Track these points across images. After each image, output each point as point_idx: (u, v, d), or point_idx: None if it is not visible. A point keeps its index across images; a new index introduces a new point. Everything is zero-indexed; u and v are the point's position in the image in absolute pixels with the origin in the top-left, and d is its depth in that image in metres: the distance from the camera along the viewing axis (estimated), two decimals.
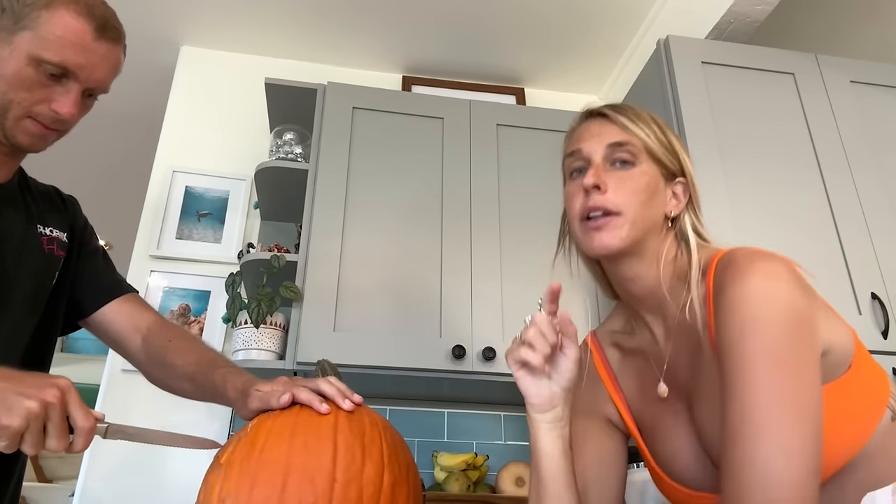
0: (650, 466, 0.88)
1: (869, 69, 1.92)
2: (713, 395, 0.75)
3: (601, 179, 0.84)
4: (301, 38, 2.41)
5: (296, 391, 0.83)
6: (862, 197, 1.71)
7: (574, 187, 0.88)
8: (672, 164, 0.89)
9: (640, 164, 0.86)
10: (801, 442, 0.65)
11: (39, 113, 0.91)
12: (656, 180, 0.87)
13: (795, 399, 0.66)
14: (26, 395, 0.70)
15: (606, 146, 0.87)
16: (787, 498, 0.63)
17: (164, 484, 1.79)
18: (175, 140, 2.27)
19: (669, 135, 0.91)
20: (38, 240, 1.02)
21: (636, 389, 0.92)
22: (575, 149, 0.90)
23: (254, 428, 0.80)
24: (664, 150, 0.88)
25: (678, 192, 0.89)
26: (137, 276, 2.03)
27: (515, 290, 1.82)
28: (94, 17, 0.92)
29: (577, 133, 0.92)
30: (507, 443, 2.01)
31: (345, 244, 1.79)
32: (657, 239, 0.87)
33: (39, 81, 0.89)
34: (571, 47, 2.43)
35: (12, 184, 1.02)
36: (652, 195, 0.86)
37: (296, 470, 0.73)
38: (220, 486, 0.74)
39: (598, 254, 0.86)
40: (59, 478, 3.75)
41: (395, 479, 0.77)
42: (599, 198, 0.84)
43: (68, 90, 0.92)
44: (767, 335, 0.69)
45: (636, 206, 0.84)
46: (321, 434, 0.77)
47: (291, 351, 1.65)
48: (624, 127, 0.87)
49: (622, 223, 0.83)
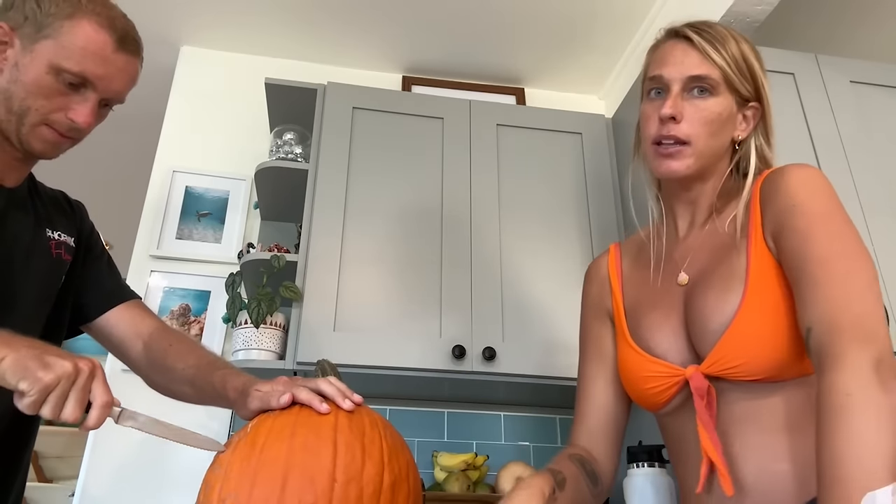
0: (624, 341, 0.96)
1: (869, 69, 1.92)
2: (723, 282, 0.85)
3: (677, 110, 0.90)
4: (301, 38, 2.41)
5: (296, 391, 0.83)
6: (862, 197, 1.71)
7: (651, 109, 0.94)
8: (748, 91, 0.93)
9: (717, 95, 0.91)
10: (877, 284, 0.75)
11: (56, 121, 0.92)
12: (730, 109, 0.92)
13: (864, 250, 0.78)
14: (63, 357, 0.74)
15: (687, 77, 0.91)
16: (881, 329, 0.72)
17: (165, 484, 1.79)
18: (175, 140, 2.27)
19: (751, 60, 0.93)
20: (46, 244, 1.02)
21: (638, 280, 1.00)
22: (656, 73, 0.93)
23: (254, 428, 0.80)
24: (742, 78, 0.92)
25: (749, 115, 0.95)
26: (137, 276, 2.03)
27: (516, 289, 1.82)
28: (115, 30, 0.94)
29: (660, 54, 0.95)
30: (507, 443, 2.01)
31: (345, 244, 1.79)
32: (720, 161, 0.94)
33: (58, 90, 0.91)
34: (571, 47, 2.43)
35: (22, 189, 1.02)
36: (723, 124, 0.92)
37: (296, 470, 0.73)
38: (220, 486, 0.74)
39: (664, 176, 0.93)
40: (59, 478, 3.75)
41: (396, 479, 0.78)
42: (673, 127, 0.90)
43: (86, 99, 0.93)
44: (831, 201, 0.82)
45: (706, 137, 0.90)
46: (321, 434, 0.77)
47: (291, 351, 1.65)
48: (706, 56, 0.90)
49: (690, 153, 0.90)
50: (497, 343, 1.73)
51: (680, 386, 0.87)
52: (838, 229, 0.79)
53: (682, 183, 0.95)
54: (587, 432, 1.01)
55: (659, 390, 0.89)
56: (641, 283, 1.00)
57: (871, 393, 0.66)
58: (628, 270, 1.04)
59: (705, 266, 0.91)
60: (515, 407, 2.05)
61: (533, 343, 1.76)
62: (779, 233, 0.83)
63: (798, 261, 0.79)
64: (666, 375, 0.88)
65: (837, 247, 0.77)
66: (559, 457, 0.96)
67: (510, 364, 1.72)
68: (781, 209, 0.83)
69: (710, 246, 0.92)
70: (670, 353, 0.89)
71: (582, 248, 1.93)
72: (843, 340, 0.71)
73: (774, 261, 0.83)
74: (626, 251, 1.07)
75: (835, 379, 0.69)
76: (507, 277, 1.83)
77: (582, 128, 2.11)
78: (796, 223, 0.81)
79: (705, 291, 0.87)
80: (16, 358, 0.72)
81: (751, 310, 0.82)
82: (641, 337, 0.94)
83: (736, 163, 0.96)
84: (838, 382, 0.68)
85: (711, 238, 0.93)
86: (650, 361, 0.90)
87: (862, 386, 0.67)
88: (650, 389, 0.90)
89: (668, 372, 0.88)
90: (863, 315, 0.72)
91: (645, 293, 0.98)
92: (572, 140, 2.08)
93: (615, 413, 1.02)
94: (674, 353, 0.89)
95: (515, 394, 1.92)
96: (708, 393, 0.84)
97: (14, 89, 0.90)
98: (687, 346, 0.88)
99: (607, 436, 1.01)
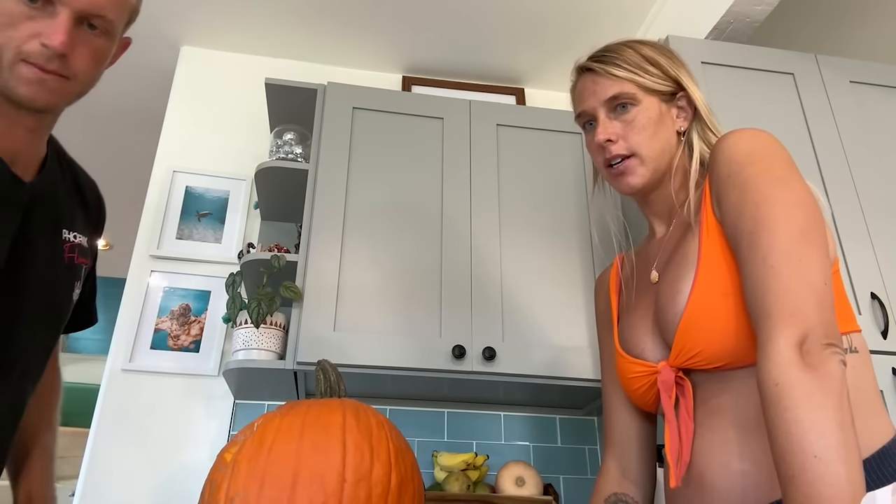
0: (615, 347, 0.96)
1: (869, 69, 1.92)
2: (677, 270, 0.85)
3: (610, 132, 0.94)
4: (301, 38, 2.41)
5: None
6: (861, 197, 1.71)
7: (590, 140, 0.99)
8: (669, 87, 0.96)
9: (640, 103, 0.94)
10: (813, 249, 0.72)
11: (30, 52, 0.79)
12: (657, 109, 0.95)
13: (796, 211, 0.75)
14: None
15: (605, 101, 0.96)
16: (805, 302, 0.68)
17: (165, 484, 1.79)
18: (175, 140, 2.27)
19: (656, 58, 0.97)
20: (60, 249, 0.94)
21: (629, 287, 1.02)
22: (580, 110, 1.00)
23: (260, 427, 0.80)
24: (656, 79, 0.95)
25: (683, 105, 0.97)
26: (137, 276, 2.04)
27: (516, 289, 1.82)
28: None
29: (577, 93, 1.02)
30: (507, 443, 2.01)
31: (345, 244, 1.79)
32: (672, 159, 0.96)
33: (22, 13, 0.79)
34: (571, 47, 2.43)
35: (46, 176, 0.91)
36: (657, 125, 0.94)
37: (305, 469, 0.73)
38: (227, 485, 0.74)
39: (628, 194, 0.97)
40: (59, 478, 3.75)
41: (402, 479, 0.78)
42: (613, 148, 0.94)
43: (55, 18, 0.79)
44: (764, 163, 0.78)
45: (646, 142, 0.93)
46: (330, 434, 0.77)
47: (291, 351, 1.65)
48: (611, 76, 0.95)
49: (638, 163, 0.94)
50: (497, 343, 1.73)
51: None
52: (765, 194, 0.76)
53: (644, 192, 0.97)
54: (618, 448, 1.01)
55: (643, 390, 0.90)
56: (630, 289, 1.02)
57: (794, 376, 0.64)
58: (626, 276, 1.05)
59: (668, 259, 0.92)
60: (515, 407, 2.05)
61: (533, 343, 1.76)
62: (719, 206, 0.82)
63: (734, 239, 0.78)
64: (644, 374, 0.89)
65: (763, 214, 0.74)
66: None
67: (510, 364, 1.72)
68: (719, 178, 0.82)
69: (675, 239, 0.93)
70: (646, 352, 0.90)
71: (582, 248, 1.93)
72: (767, 326, 0.69)
73: (724, 239, 0.81)
74: (627, 259, 1.08)
75: (763, 369, 0.67)
76: (506, 277, 1.83)
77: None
78: (729, 195, 0.80)
79: (664, 283, 0.88)
80: None
81: (701, 295, 0.80)
82: (625, 340, 0.95)
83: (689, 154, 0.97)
84: (766, 373, 0.66)
85: (677, 231, 0.94)
86: (630, 362, 0.91)
87: (783, 371, 0.65)
88: (637, 391, 0.91)
89: (645, 370, 0.88)
90: (786, 291, 0.69)
91: (630, 298, 1.00)
92: (572, 140, 2.08)
93: (640, 425, 1.01)
94: (649, 351, 0.90)
95: (515, 394, 1.92)
96: (683, 387, 0.83)
97: None
98: (660, 342, 0.88)
99: (639, 449, 1.00)
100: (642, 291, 0.96)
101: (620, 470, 1.00)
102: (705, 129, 0.96)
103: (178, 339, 1.98)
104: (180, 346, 1.97)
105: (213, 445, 1.85)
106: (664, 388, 0.84)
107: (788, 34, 2.37)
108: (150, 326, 1.98)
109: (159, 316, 2.00)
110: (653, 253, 0.99)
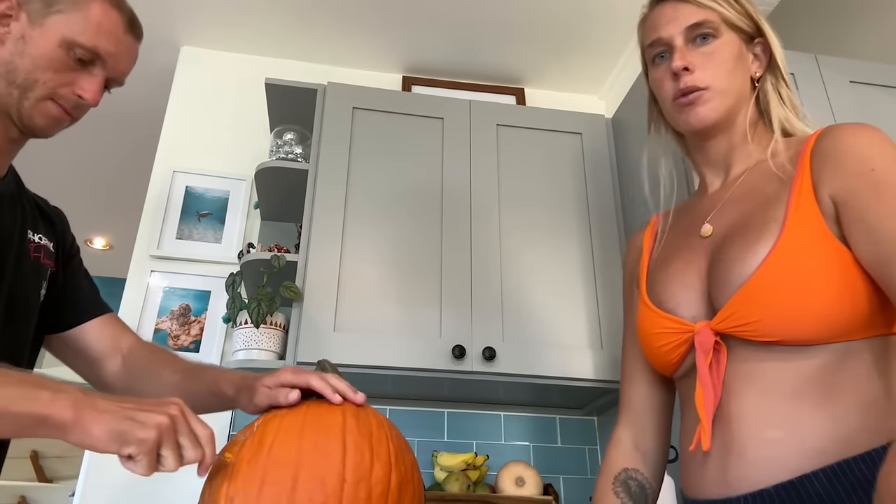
0: (641, 299, 0.93)
1: (869, 69, 1.92)
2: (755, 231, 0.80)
3: (688, 60, 0.89)
4: (301, 38, 2.41)
5: (309, 378, 0.83)
6: None
7: (661, 72, 0.93)
8: (750, 27, 0.93)
9: (721, 36, 0.91)
10: None
11: (63, 96, 0.92)
12: (738, 47, 0.91)
13: None
14: (152, 410, 0.71)
15: (686, 28, 0.91)
16: None
17: (165, 484, 1.79)
18: (175, 140, 2.27)
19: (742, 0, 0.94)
20: (27, 246, 0.99)
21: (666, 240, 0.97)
22: (655, 38, 0.94)
23: (260, 427, 0.80)
24: (740, 15, 0.92)
25: (758, 52, 0.94)
26: (137, 276, 2.04)
27: (516, 289, 1.82)
28: (124, 12, 0.96)
29: (651, 20, 0.97)
30: (507, 443, 2.01)
31: (345, 244, 1.79)
32: (744, 104, 0.92)
33: (67, 65, 0.91)
34: (571, 47, 2.43)
35: (10, 182, 0.99)
36: (737, 63, 0.91)
37: (306, 469, 0.73)
38: (227, 485, 0.74)
39: (696, 128, 0.90)
40: (59, 478, 3.75)
41: (402, 480, 0.78)
42: (689, 78, 0.89)
43: (94, 77, 0.93)
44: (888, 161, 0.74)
45: (724, 78, 0.89)
46: (330, 434, 0.77)
47: (291, 351, 1.65)
48: (698, 4, 0.91)
49: (712, 96, 0.89)
50: (497, 343, 1.73)
51: (690, 343, 0.83)
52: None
53: (710, 133, 0.92)
54: (634, 417, 0.99)
55: (669, 348, 0.85)
56: (667, 242, 0.97)
57: None
58: (661, 234, 1.00)
59: (736, 217, 0.86)
60: (515, 407, 2.05)
61: (533, 343, 1.76)
62: (850, 194, 0.74)
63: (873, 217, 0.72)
64: (675, 332, 0.84)
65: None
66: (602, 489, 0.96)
67: (510, 364, 1.72)
68: (854, 172, 0.75)
69: (743, 197, 0.87)
70: (681, 308, 0.85)
71: (582, 248, 1.93)
72: None
73: (823, 220, 0.76)
74: (664, 219, 1.02)
75: None
76: (507, 277, 1.83)
77: (582, 128, 2.11)
78: (877, 189, 0.73)
79: (733, 240, 0.82)
80: (105, 425, 0.68)
81: (778, 262, 0.75)
82: (655, 292, 0.90)
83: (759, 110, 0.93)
84: None
85: (745, 190, 0.88)
86: (660, 317, 0.86)
87: None
88: (661, 348, 0.87)
89: (678, 328, 0.84)
90: None
91: (667, 250, 0.95)
92: (572, 140, 2.08)
93: (660, 396, 0.98)
94: (685, 307, 0.85)
95: (515, 394, 1.92)
96: (716, 351, 0.80)
97: (19, 62, 0.89)
98: (702, 300, 0.84)
99: (655, 420, 0.98)
100: (685, 245, 0.91)
101: (633, 440, 0.98)
102: (780, 82, 0.93)
103: (178, 339, 1.98)
104: (180, 346, 1.97)
105: None
106: (702, 349, 0.80)
107: (788, 34, 2.36)
108: (151, 326, 1.98)
109: (159, 316, 2.00)
110: (704, 206, 0.93)
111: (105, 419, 0.68)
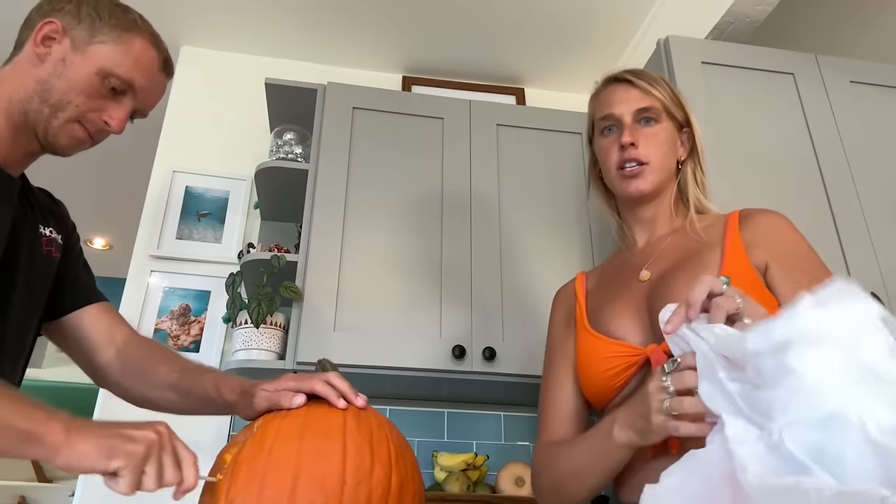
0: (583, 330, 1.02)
1: (869, 69, 1.91)
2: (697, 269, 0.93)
3: (635, 137, 1.04)
4: (301, 38, 2.41)
5: (313, 384, 0.84)
6: (862, 197, 1.71)
7: (609, 142, 1.08)
8: (681, 117, 1.10)
9: (661, 122, 1.07)
10: None
11: (90, 120, 0.96)
12: (673, 133, 1.08)
13: None
14: (140, 428, 0.74)
15: (635, 111, 1.06)
16: None
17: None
18: (175, 140, 2.27)
19: (677, 92, 1.12)
20: (39, 240, 1.02)
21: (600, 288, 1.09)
22: (608, 113, 1.08)
23: (260, 428, 0.80)
24: (676, 106, 1.09)
25: (684, 139, 1.10)
26: (137, 276, 2.04)
27: (516, 289, 1.82)
28: (161, 51, 1.03)
29: (605, 97, 1.10)
30: (507, 443, 2.01)
31: (345, 244, 1.79)
32: (670, 181, 1.09)
33: (100, 92, 0.95)
34: (571, 47, 2.43)
35: (24, 181, 1.02)
36: (670, 146, 1.07)
37: (306, 471, 0.73)
38: (227, 487, 0.74)
39: (633, 196, 1.06)
40: (59, 478, 3.75)
41: (403, 480, 0.78)
42: (634, 152, 1.04)
43: (122, 106, 0.98)
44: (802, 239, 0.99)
45: (660, 157, 1.05)
46: (330, 435, 0.77)
47: (291, 351, 1.65)
48: (647, 91, 1.07)
49: (651, 171, 1.04)
50: (497, 343, 1.73)
51: (639, 366, 0.90)
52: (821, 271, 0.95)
53: (643, 201, 1.07)
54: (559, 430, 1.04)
55: (618, 370, 0.92)
56: (603, 288, 1.08)
57: None
58: (592, 286, 1.12)
59: (672, 264, 0.99)
60: (515, 407, 2.05)
61: (533, 343, 1.76)
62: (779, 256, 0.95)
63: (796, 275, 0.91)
64: (625, 355, 0.92)
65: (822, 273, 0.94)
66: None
67: (510, 364, 1.72)
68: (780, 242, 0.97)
69: (674, 250, 1.02)
70: (629, 336, 0.94)
71: (581, 247, 1.93)
72: None
73: (754, 270, 0.92)
74: (591, 275, 1.16)
75: None
76: (507, 277, 1.83)
77: (582, 128, 2.10)
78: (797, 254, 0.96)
79: (675, 276, 0.95)
80: (94, 441, 0.70)
81: None
82: (601, 323, 0.99)
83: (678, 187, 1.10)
84: None
85: (674, 246, 1.03)
86: (609, 343, 0.95)
87: None
88: (608, 371, 0.93)
89: (628, 351, 0.92)
90: None
91: (606, 294, 1.05)
92: (572, 140, 2.08)
93: (583, 416, 1.05)
94: (633, 335, 0.94)
95: (515, 394, 1.92)
96: None
97: (56, 83, 0.93)
98: (646, 329, 0.93)
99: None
100: (624, 287, 1.03)
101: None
102: (697, 167, 1.10)
103: (178, 339, 1.98)
104: (180, 346, 1.97)
105: (213, 446, 1.85)
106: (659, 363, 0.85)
107: (789, 34, 2.37)
108: (150, 326, 1.98)
109: (159, 316, 2.00)
110: (637, 257, 1.07)
111: (94, 436, 0.71)
